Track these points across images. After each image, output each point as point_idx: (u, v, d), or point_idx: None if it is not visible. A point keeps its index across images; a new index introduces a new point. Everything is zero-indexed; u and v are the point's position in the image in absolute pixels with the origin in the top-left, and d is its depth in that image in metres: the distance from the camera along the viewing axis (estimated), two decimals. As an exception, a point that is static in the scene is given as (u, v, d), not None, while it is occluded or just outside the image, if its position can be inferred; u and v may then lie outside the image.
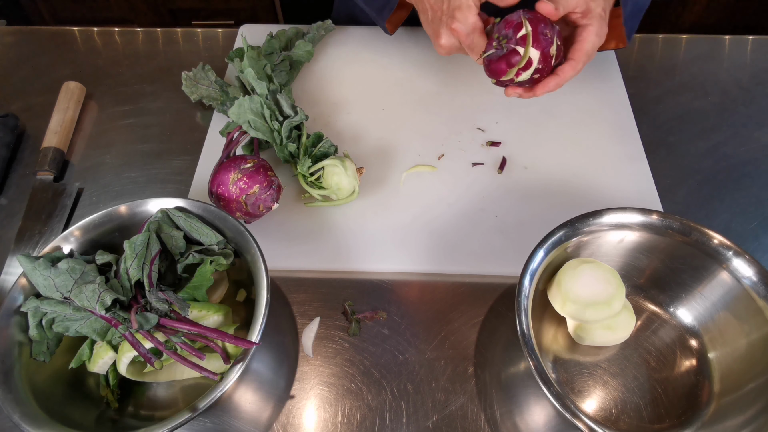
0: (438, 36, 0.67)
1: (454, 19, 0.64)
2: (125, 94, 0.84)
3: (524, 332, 0.48)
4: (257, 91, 0.68)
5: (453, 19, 0.64)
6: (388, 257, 0.64)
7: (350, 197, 0.66)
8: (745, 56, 0.87)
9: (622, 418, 0.53)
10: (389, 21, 0.79)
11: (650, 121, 0.78)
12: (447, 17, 0.65)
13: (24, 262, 0.50)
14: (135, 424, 0.52)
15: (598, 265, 0.54)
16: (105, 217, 0.57)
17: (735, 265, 0.53)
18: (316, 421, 0.54)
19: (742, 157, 0.74)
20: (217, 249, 0.55)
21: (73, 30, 0.93)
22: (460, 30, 0.64)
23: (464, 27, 0.63)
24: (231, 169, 0.61)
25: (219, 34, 0.92)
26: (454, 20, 0.64)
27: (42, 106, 0.80)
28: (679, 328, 0.57)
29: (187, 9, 1.75)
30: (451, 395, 0.55)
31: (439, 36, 0.67)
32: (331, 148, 0.68)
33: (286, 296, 0.62)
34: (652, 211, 0.55)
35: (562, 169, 0.71)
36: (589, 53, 0.63)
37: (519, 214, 0.67)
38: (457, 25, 0.63)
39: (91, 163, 0.76)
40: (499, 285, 0.62)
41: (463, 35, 0.64)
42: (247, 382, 0.56)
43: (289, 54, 0.79)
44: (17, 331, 0.50)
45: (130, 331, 0.48)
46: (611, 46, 0.75)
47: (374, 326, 0.60)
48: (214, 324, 0.53)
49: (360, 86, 0.81)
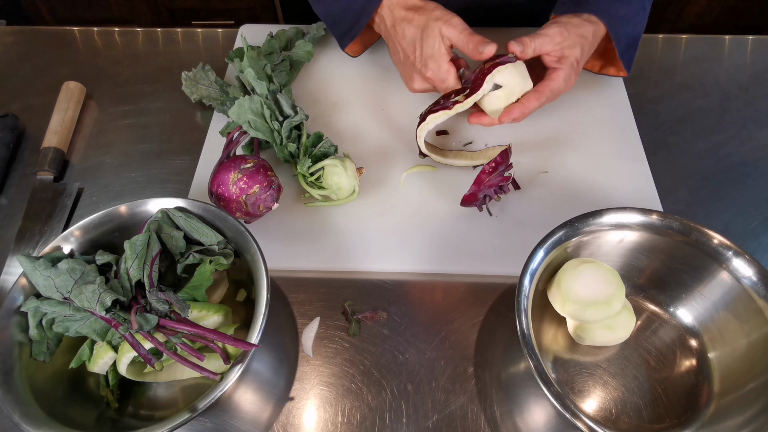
0: (411, 80, 0.70)
1: (428, 69, 0.67)
2: (125, 94, 0.84)
3: (524, 332, 0.48)
4: (257, 91, 0.68)
5: (426, 68, 0.67)
6: (388, 257, 0.64)
7: (350, 197, 0.66)
8: (745, 56, 0.87)
9: (622, 418, 0.53)
10: (358, 41, 0.80)
11: (650, 121, 0.78)
12: (420, 65, 0.67)
13: (24, 262, 0.50)
14: (135, 424, 0.52)
15: (598, 265, 0.54)
16: (105, 217, 0.57)
17: (735, 265, 0.53)
18: (316, 421, 0.54)
19: (742, 157, 0.74)
20: (217, 249, 0.55)
21: (73, 30, 0.93)
22: (434, 78, 0.67)
23: (438, 75, 0.66)
24: (231, 169, 0.61)
25: (219, 34, 0.92)
26: (428, 69, 0.67)
27: (42, 106, 0.80)
28: (679, 328, 0.57)
29: (187, 9, 1.75)
30: (451, 395, 0.55)
31: (412, 80, 0.70)
32: (331, 148, 0.68)
33: (286, 296, 0.62)
34: (652, 211, 0.55)
35: (562, 169, 0.71)
36: (554, 91, 0.66)
37: (519, 214, 0.67)
38: (431, 74, 0.67)
39: (91, 163, 0.76)
40: (499, 285, 0.62)
41: (438, 82, 0.67)
42: (247, 382, 0.56)
43: (289, 54, 0.79)
44: (17, 331, 0.50)
45: (130, 331, 0.48)
46: (611, 72, 0.78)
47: (374, 326, 0.60)
48: (213, 324, 0.53)
49: (360, 86, 0.81)
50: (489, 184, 0.62)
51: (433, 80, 0.67)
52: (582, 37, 0.66)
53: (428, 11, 0.67)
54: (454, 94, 0.66)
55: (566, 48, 0.65)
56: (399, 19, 0.68)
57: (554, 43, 0.65)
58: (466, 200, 0.63)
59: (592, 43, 0.68)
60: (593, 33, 0.67)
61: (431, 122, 0.66)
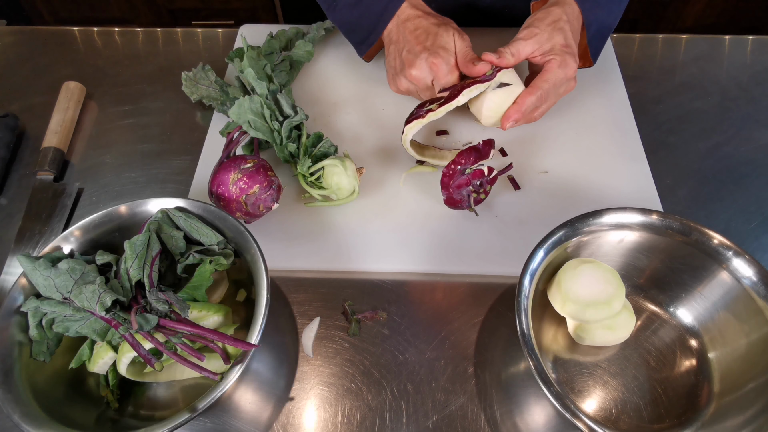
0: (411, 65, 0.68)
1: (438, 55, 0.66)
2: (125, 94, 0.84)
3: (524, 332, 0.48)
4: (257, 91, 0.68)
5: (436, 55, 0.67)
6: (388, 257, 0.64)
7: (350, 197, 0.66)
8: (745, 56, 0.87)
9: (622, 418, 0.53)
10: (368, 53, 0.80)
11: (650, 121, 0.78)
12: (429, 53, 0.67)
13: (24, 262, 0.50)
14: (135, 424, 0.52)
15: (598, 265, 0.54)
16: (105, 217, 0.57)
17: (735, 265, 0.53)
18: (316, 421, 0.54)
19: (742, 157, 0.74)
20: (217, 249, 0.55)
21: (73, 30, 0.93)
22: (440, 66, 0.67)
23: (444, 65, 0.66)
24: (231, 169, 0.61)
25: (219, 34, 0.92)
26: (438, 56, 0.66)
27: (42, 106, 0.80)
28: (679, 328, 0.57)
29: (187, 9, 1.75)
30: (451, 395, 0.55)
31: (412, 66, 0.68)
32: (331, 148, 0.68)
33: (286, 296, 0.62)
34: (652, 211, 0.55)
35: (562, 169, 0.71)
36: (552, 81, 0.65)
37: (519, 214, 0.67)
38: (439, 60, 0.66)
39: (91, 163, 0.76)
40: (499, 285, 0.62)
41: (442, 74, 0.67)
42: (247, 382, 0.56)
43: (289, 54, 0.79)
44: (17, 331, 0.50)
45: (130, 332, 0.48)
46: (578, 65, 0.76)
47: (374, 326, 0.60)
48: (213, 324, 0.53)
49: (360, 86, 0.81)
50: (457, 186, 0.62)
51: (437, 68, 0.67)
52: (555, 22, 0.66)
53: (445, 20, 0.70)
54: (428, 103, 0.67)
55: (546, 41, 0.65)
56: (414, 16, 0.70)
57: (530, 44, 0.65)
58: (448, 204, 0.64)
59: (570, 22, 0.67)
60: (564, 12, 0.66)
61: (408, 133, 0.67)
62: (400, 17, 0.70)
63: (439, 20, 0.70)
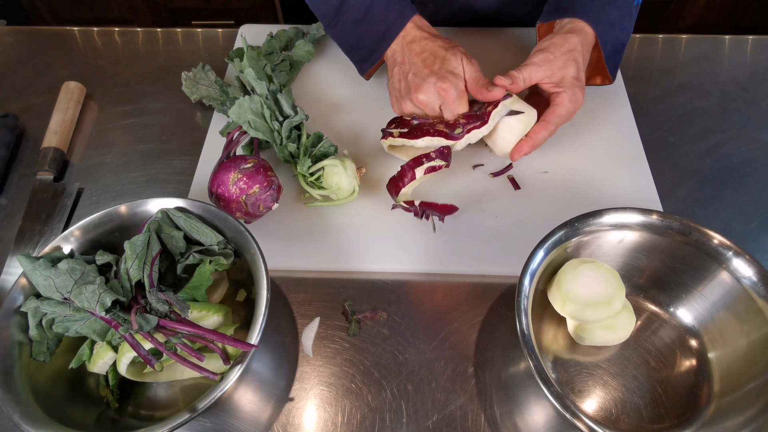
0: (418, 89, 0.66)
1: (446, 80, 0.64)
2: (125, 94, 0.84)
3: (524, 332, 0.48)
4: (257, 91, 0.68)
5: (445, 80, 0.64)
6: (388, 257, 0.64)
7: (350, 197, 0.66)
8: (745, 56, 0.87)
9: (622, 418, 0.53)
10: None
11: (650, 121, 0.78)
12: (437, 77, 0.65)
13: (24, 262, 0.50)
14: (135, 424, 0.52)
15: (598, 265, 0.54)
16: (105, 217, 0.57)
17: (735, 265, 0.53)
18: (316, 421, 0.54)
19: (742, 157, 0.74)
20: (217, 249, 0.55)
21: (73, 30, 0.93)
22: (449, 92, 0.64)
23: (455, 91, 0.64)
24: (231, 169, 0.61)
25: (219, 34, 0.92)
26: (446, 81, 0.64)
27: (42, 106, 0.80)
28: (679, 328, 0.57)
29: (187, 9, 1.75)
30: (451, 395, 0.55)
31: (419, 90, 0.66)
32: (331, 148, 0.68)
33: (286, 296, 0.62)
34: (652, 211, 0.55)
35: (562, 169, 0.71)
36: (562, 116, 0.65)
37: (519, 214, 0.67)
38: (448, 85, 0.64)
39: (91, 163, 0.76)
40: (499, 285, 0.62)
41: (451, 99, 0.65)
42: (247, 382, 0.56)
43: (289, 54, 0.79)
44: (17, 331, 0.50)
45: (130, 332, 0.48)
46: (597, 81, 0.76)
47: (374, 326, 0.60)
48: (213, 324, 0.53)
49: (360, 86, 0.81)
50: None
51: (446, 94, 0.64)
52: (570, 52, 0.65)
53: (453, 43, 0.68)
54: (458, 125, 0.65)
55: (558, 70, 0.64)
56: (420, 37, 0.67)
57: (543, 70, 0.64)
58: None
59: (583, 53, 0.66)
60: (581, 42, 0.66)
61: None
62: (405, 38, 0.68)
63: (446, 43, 0.67)
